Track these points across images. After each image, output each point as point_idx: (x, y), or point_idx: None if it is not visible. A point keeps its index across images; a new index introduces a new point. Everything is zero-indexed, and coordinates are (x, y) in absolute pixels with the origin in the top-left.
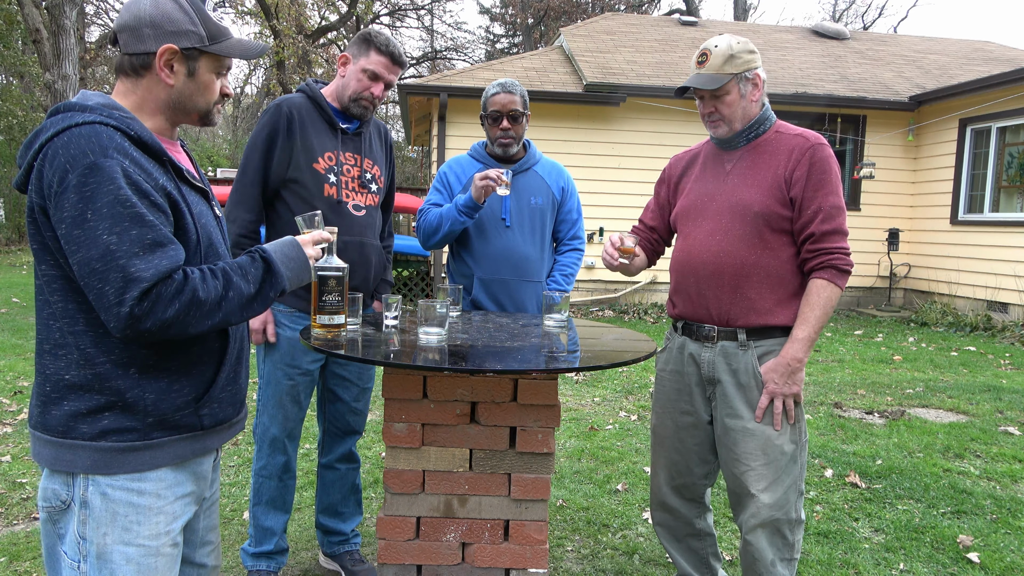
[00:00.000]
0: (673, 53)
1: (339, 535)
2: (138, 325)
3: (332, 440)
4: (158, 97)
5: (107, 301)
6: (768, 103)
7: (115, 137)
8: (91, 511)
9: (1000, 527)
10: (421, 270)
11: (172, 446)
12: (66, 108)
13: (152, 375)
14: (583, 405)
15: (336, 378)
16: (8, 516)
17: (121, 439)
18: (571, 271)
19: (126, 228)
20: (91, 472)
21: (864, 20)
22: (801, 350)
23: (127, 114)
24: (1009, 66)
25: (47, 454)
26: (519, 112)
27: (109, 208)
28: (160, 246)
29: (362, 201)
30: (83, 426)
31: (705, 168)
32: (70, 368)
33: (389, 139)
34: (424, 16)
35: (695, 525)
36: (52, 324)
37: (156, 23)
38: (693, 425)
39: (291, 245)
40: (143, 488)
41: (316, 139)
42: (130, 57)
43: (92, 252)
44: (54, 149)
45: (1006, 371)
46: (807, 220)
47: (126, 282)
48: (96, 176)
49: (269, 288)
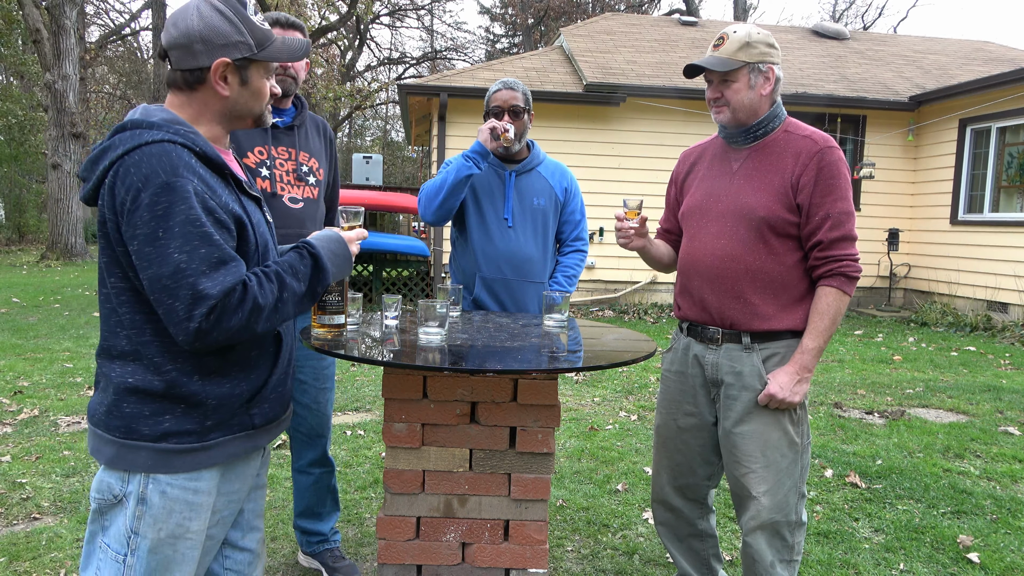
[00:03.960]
0: (673, 53)
1: (318, 535)
2: (206, 338)
3: (300, 445)
4: (214, 108)
5: (176, 316)
6: (780, 102)
7: (184, 155)
8: (149, 507)
9: (1000, 527)
10: (421, 270)
11: (226, 445)
12: (133, 125)
13: (214, 380)
14: (583, 405)
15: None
16: (8, 516)
17: (180, 441)
18: (574, 272)
19: (196, 247)
20: (150, 471)
21: (864, 20)
22: (812, 360)
23: (190, 129)
24: (1009, 66)
25: (108, 452)
26: (520, 108)
27: (180, 227)
28: (224, 263)
29: (299, 194)
30: (144, 428)
31: (712, 166)
32: (136, 373)
33: (329, 134)
34: (424, 16)
35: (697, 526)
36: (119, 332)
37: (206, 38)
38: (697, 426)
39: (337, 242)
40: (199, 487)
41: (244, 135)
42: (183, 73)
43: (163, 269)
44: (126, 167)
45: (1006, 371)
46: (815, 227)
47: (195, 299)
48: (168, 195)
49: (317, 284)
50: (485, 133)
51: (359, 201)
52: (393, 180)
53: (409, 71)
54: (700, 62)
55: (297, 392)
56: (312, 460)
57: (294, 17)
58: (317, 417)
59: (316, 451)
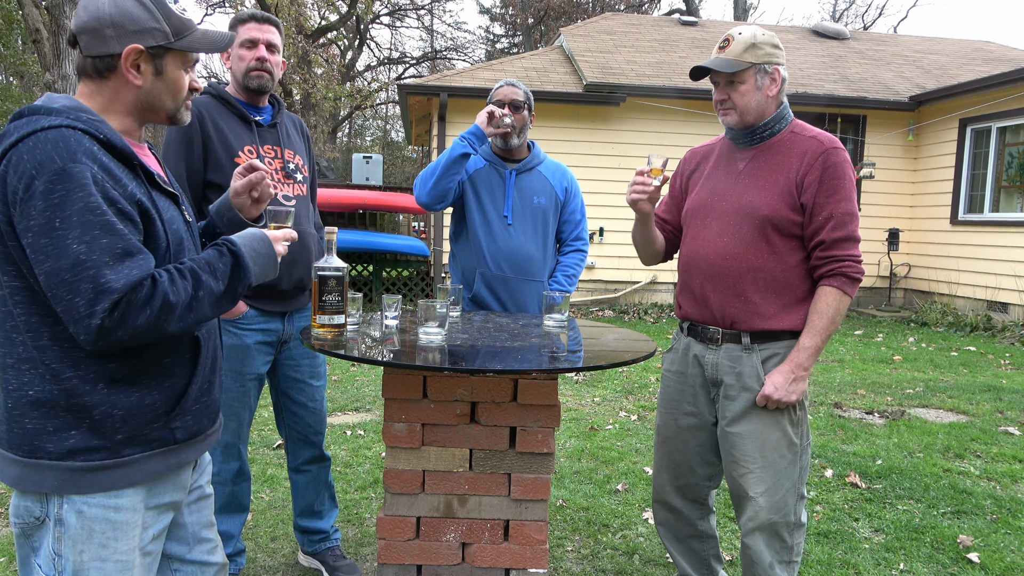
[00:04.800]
0: (673, 53)
1: (319, 533)
2: (109, 336)
3: (298, 445)
4: (125, 98)
5: (77, 313)
6: (787, 103)
7: (84, 141)
8: (67, 528)
9: (1000, 527)
10: (421, 270)
11: (145, 462)
12: (30, 112)
13: (121, 389)
14: (583, 405)
15: (289, 380)
16: (8, 516)
17: (89, 458)
18: (574, 272)
19: (96, 237)
20: (60, 492)
21: (864, 20)
22: (808, 359)
23: (95, 116)
24: (1009, 66)
25: (12, 473)
26: (520, 102)
27: (79, 216)
28: (130, 255)
29: (290, 191)
30: (49, 445)
31: (718, 165)
32: (34, 383)
33: (306, 130)
34: (424, 16)
35: (697, 526)
36: (15, 337)
37: (118, 23)
38: (697, 427)
39: (261, 240)
40: (120, 504)
41: (232, 135)
42: (93, 60)
43: (61, 262)
44: (19, 154)
45: (1006, 371)
46: (818, 227)
47: (97, 293)
48: (65, 182)
49: (238, 283)
50: (483, 116)
51: (359, 201)
52: (393, 180)
53: (409, 71)
54: (707, 64)
55: (294, 391)
56: (309, 458)
57: (271, 14)
58: (314, 415)
59: (314, 449)
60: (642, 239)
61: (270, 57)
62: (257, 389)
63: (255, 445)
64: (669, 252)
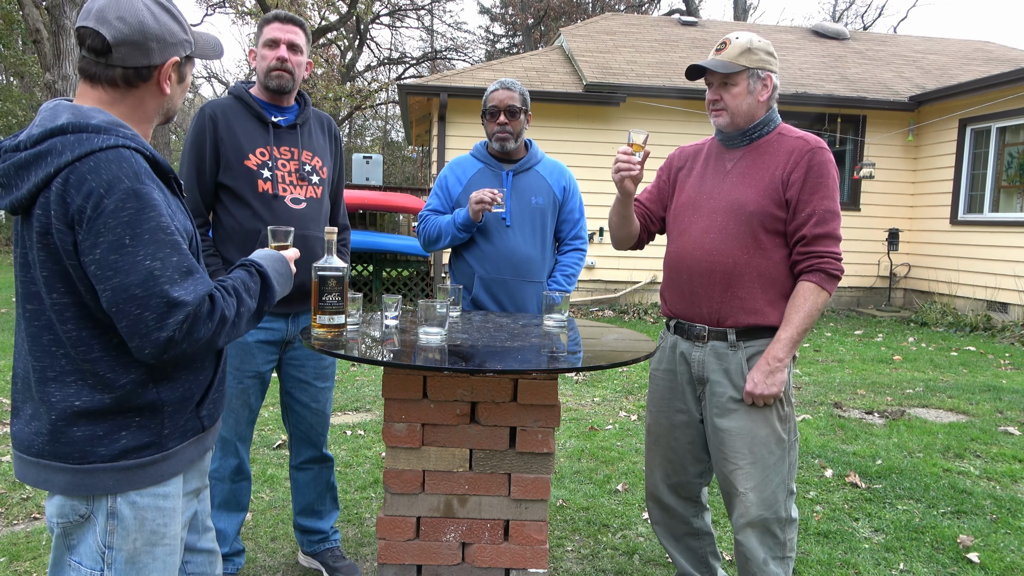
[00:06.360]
0: (673, 53)
1: (318, 533)
2: (174, 349)
3: (299, 443)
4: (149, 106)
5: (145, 326)
6: (776, 108)
7: (142, 162)
8: (120, 521)
9: (1000, 527)
10: (421, 270)
11: (184, 451)
12: (74, 129)
13: (167, 386)
14: (583, 405)
15: (293, 380)
16: (8, 516)
17: (141, 455)
18: (573, 271)
19: (168, 255)
20: (116, 492)
21: (864, 20)
22: (782, 350)
23: (131, 131)
24: (1009, 66)
25: (62, 481)
26: (516, 108)
27: (151, 234)
28: (192, 273)
29: (302, 194)
30: (101, 449)
31: (707, 165)
32: (81, 394)
33: (334, 130)
34: (424, 16)
35: (692, 524)
36: (55, 351)
37: (160, 37)
38: (686, 424)
39: (280, 261)
40: (168, 491)
41: (245, 137)
42: (127, 70)
43: (131, 278)
44: (79, 175)
45: (1006, 371)
46: (800, 222)
47: (169, 307)
48: (135, 202)
49: (264, 302)
50: (475, 211)
51: (359, 201)
52: (393, 180)
53: (409, 71)
54: (703, 63)
55: (297, 391)
56: (310, 457)
57: (288, 13)
58: (317, 416)
59: (315, 449)
60: (619, 220)
61: (291, 57)
62: (258, 388)
63: (255, 445)
64: (642, 239)
